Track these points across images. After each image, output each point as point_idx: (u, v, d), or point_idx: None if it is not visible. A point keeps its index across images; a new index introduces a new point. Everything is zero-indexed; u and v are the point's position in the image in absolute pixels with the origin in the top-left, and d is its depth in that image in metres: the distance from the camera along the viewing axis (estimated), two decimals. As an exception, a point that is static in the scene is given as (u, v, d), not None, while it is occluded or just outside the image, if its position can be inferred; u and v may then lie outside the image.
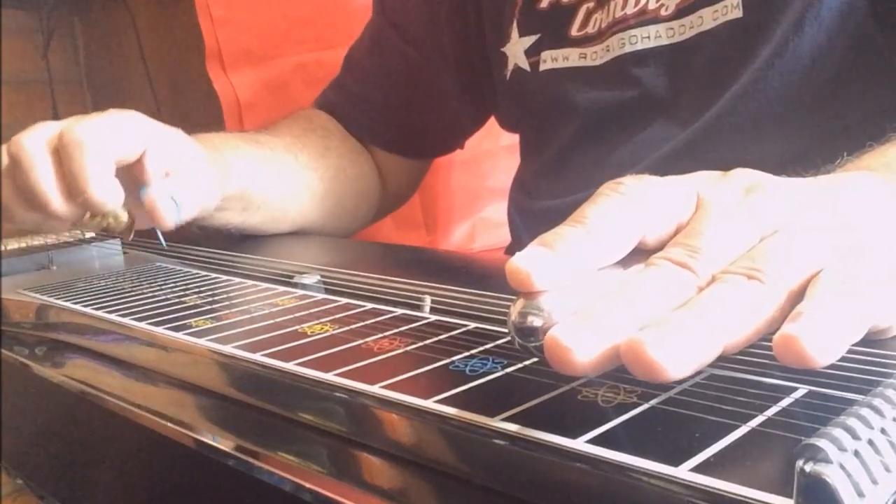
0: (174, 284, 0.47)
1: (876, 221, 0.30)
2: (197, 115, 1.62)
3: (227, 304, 0.41)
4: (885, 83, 0.53)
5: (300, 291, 0.43)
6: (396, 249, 0.72)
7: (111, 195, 0.51)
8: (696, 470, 0.20)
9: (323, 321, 0.36)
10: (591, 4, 0.65)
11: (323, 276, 0.46)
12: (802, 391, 0.25)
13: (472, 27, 0.76)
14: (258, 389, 0.30)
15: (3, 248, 0.65)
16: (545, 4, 0.68)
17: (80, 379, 0.36)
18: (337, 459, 0.26)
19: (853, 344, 0.24)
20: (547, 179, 0.73)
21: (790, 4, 0.54)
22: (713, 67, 0.58)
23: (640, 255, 0.27)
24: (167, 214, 0.53)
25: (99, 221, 0.52)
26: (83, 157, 0.50)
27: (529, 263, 0.25)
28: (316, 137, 0.78)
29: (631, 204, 0.28)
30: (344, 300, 0.40)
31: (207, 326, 0.37)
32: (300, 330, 0.35)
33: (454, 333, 0.33)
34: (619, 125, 0.64)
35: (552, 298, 0.25)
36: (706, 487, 0.19)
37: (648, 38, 0.61)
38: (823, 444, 0.18)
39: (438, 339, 0.32)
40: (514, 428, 0.23)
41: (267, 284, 0.45)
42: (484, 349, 0.31)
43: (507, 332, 0.31)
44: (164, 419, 0.30)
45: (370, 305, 0.39)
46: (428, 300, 0.38)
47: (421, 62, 0.80)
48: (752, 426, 0.22)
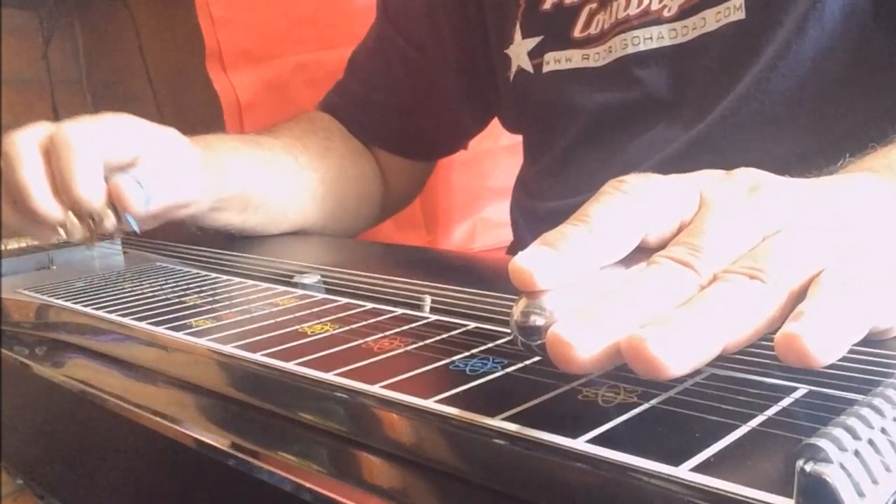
0: (174, 284, 0.47)
1: (877, 222, 0.30)
2: (197, 115, 1.62)
3: (227, 303, 0.41)
4: (887, 84, 0.53)
5: (300, 291, 0.42)
6: (396, 249, 0.72)
7: (97, 195, 0.52)
8: (696, 470, 0.20)
9: (323, 321, 0.36)
10: (593, 5, 0.65)
11: (323, 275, 0.46)
12: (803, 391, 0.25)
13: (475, 29, 0.76)
14: (258, 389, 0.30)
15: (3, 247, 0.65)
16: (548, 6, 0.68)
17: (80, 379, 0.36)
18: (337, 459, 0.26)
19: (854, 344, 0.24)
20: (550, 180, 0.72)
21: (793, 6, 0.53)
22: (716, 69, 0.58)
23: (642, 253, 0.27)
24: (134, 199, 0.53)
25: (83, 223, 0.53)
26: (71, 156, 0.51)
27: (532, 262, 0.25)
28: (317, 139, 0.78)
29: (634, 202, 0.28)
30: (344, 300, 0.40)
31: (207, 326, 0.36)
32: (300, 330, 0.35)
33: (454, 333, 0.33)
34: (621, 126, 0.64)
35: (555, 297, 0.24)
36: (706, 487, 0.19)
37: (651, 39, 0.61)
38: (824, 443, 0.18)
39: (439, 338, 0.32)
40: (514, 428, 0.23)
41: (267, 284, 0.45)
42: (484, 349, 0.31)
43: (507, 331, 0.31)
44: (164, 419, 0.30)
45: (370, 305, 0.39)
46: (428, 300, 0.38)
47: (424, 64, 0.80)
48: (752, 426, 0.22)
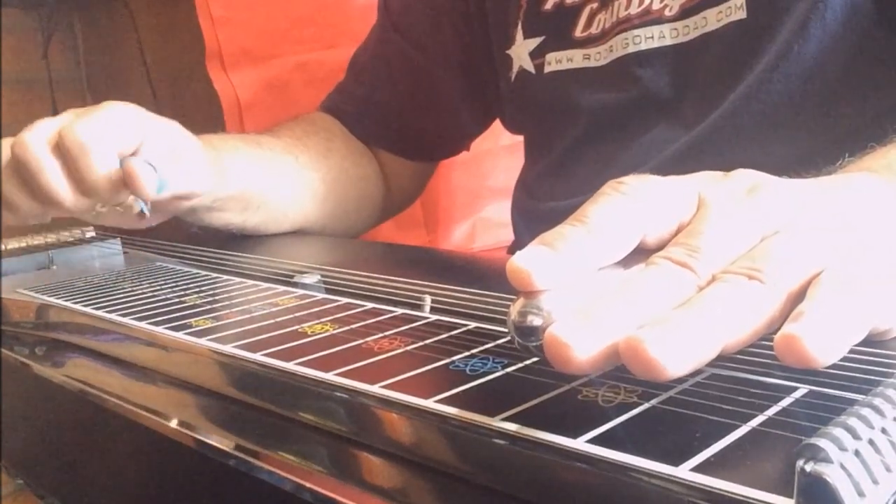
0: (174, 284, 0.47)
1: (877, 222, 0.30)
2: (197, 114, 1.62)
3: (227, 303, 0.41)
4: (888, 84, 0.53)
5: (300, 291, 0.42)
6: (397, 249, 0.72)
7: (121, 192, 0.55)
8: (696, 470, 0.20)
9: (323, 321, 0.36)
10: (594, 5, 0.65)
11: (323, 275, 0.46)
12: (803, 391, 0.25)
13: (476, 30, 0.76)
14: (258, 389, 0.30)
15: (3, 247, 0.65)
16: (549, 6, 0.67)
17: (80, 379, 0.36)
18: (337, 459, 0.26)
19: (854, 344, 0.24)
20: (550, 181, 0.72)
21: (795, 6, 0.53)
22: (717, 69, 0.58)
23: (641, 254, 0.27)
24: (146, 181, 0.54)
25: (111, 210, 0.58)
26: (91, 161, 0.53)
27: (530, 262, 0.25)
28: (318, 139, 0.78)
29: (632, 203, 0.28)
30: (344, 300, 0.40)
31: (207, 326, 0.36)
32: (300, 330, 0.35)
33: (454, 333, 0.33)
34: (623, 127, 0.64)
35: (552, 298, 0.24)
36: (706, 487, 0.19)
37: (652, 38, 0.61)
38: (824, 443, 0.18)
39: (439, 338, 0.32)
40: (514, 428, 0.23)
41: (267, 284, 0.45)
42: (484, 349, 0.31)
43: (507, 331, 0.31)
44: (164, 419, 0.30)
45: (370, 305, 0.38)
46: (428, 300, 0.38)
47: (425, 66, 0.80)
48: (752, 426, 0.22)
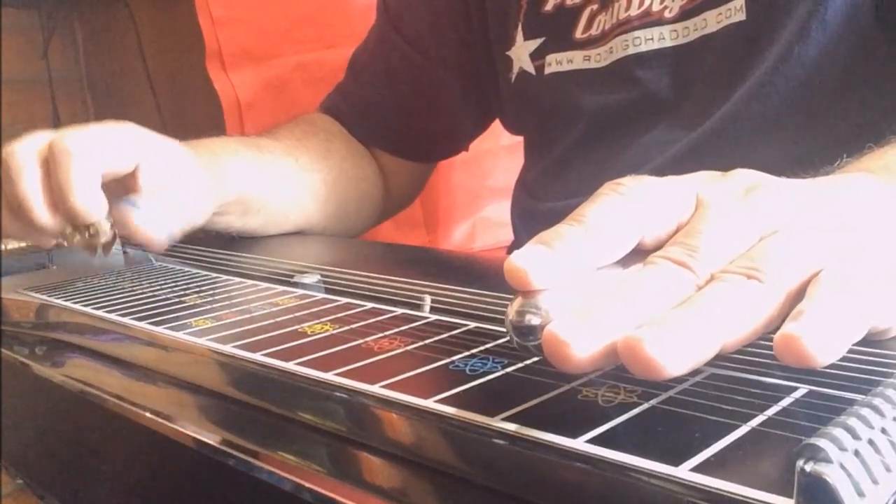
0: (174, 284, 0.47)
1: (875, 222, 0.30)
2: (197, 114, 1.62)
3: (227, 303, 0.41)
4: (889, 86, 0.53)
5: (300, 291, 0.42)
6: (396, 249, 0.72)
7: (95, 207, 0.50)
8: (696, 470, 0.20)
9: (323, 321, 0.36)
10: (594, 6, 0.65)
11: (323, 275, 0.46)
12: (803, 391, 0.25)
13: (476, 31, 0.76)
14: (258, 389, 0.30)
15: (3, 247, 0.65)
16: (549, 7, 0.67)
17: (80, 379, 0.36)
18: (337, 459, 0.26)
19: (853, 344, 0.24)
20: (551, 181, 0.72)
21: (794, 9, 0.53)
22: (717, 70, 0.58)
23: (639, 255, 0.27)
24: (158, 240, 0.52)
25: (81, 235, 0.51)
26: (70, 166, 0.49)
27: (527, 262, 0.25)
28: (318, 140, 0.78)
29: (630, 203, 0.28)
30: (344, 300, 0.40)
31: (207, 326, 0.36)
32: (300, 329, 0.35)
33: (454, 333, 0.33)
34: (623, 128, 0.64)
35: (550, 297, 0.24)
36: (706, 487, 0.19)
37: (652, 39, 0.61)
38: (824, 443, 0.18)
39: (439, 338, 0.32)
40: (514, 427, 0.23)
41: (267, 284, 0.45)
42: (484, 349, 0.31)
43: (506, 330, 0.31)
44: (164, 419, 0.30)
45: (370, 305, 0.38)
46: (428, 300, 0.38)
47: (425, 66, 0.80)
48: (752, 426, 0.22)
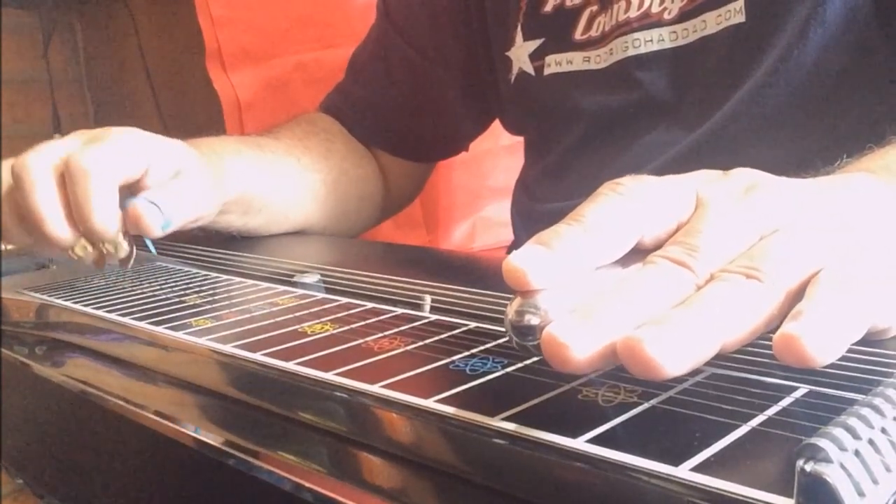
0: (174, 284, 0.47)
1: (874, 222, 0.30)
2: (197, 114, 1.63)
3: (227, 303, 0.41)
4: (889, 87, 0.53)
5: (300, 291, 0.42)
6: (397, 249, 0.72)
7: (113, 224, 0.50)
8: (696, 469, 0.20)
9: (323, 320, 0.36)
10: (594, 8, 0.65)
11: (323, 275, 0.46)
12: (803, 391, 0.25)
13: (476, 31, 0.76)
14: (258, 389, 0.30)
15: (3, 247, 0.65)
16: (549, 8, 0.68)
17: (80, 378, 0.36)
18: (337, 459, 0.26)
19: (853, 344, 0.24)
20: (550, 182, 0.73)
21: (794, 10, 0.53)
22: (717, 72, 0.58)
23: (639, 254, 0.27)
24: (151, 221, 0.51)
25: (97, 250, 0.51)
26: (88, 185, 0.49)
27: (526, 262, 0.25)
28: (318, 140, 0.78)
29: (629, 203, 0.28)
30: (344, 299, 0.40)
31: (207, 326, 0.36)
32: (300, 329, 0.35)
33: (454, 333, 0.33)
34: (622, 129, 0.64)
35: (549, 297, 0.24)
36: (706, 487, 0.19)
37: (651, 41, 0.61)
38: (824, 443, 0.18)
39: (439, 338, 0.32)
40: (513, 427, 0.23)
41: (267, 284, 0.45)
42: (484, 348, 0.31)
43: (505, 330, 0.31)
44: (164, 419, 0.30)
45: (370, 305, 0.38)
46: (428, 299, 0.38)
47: (425, 66, 0.80)
48: (752, 426, 0.22)
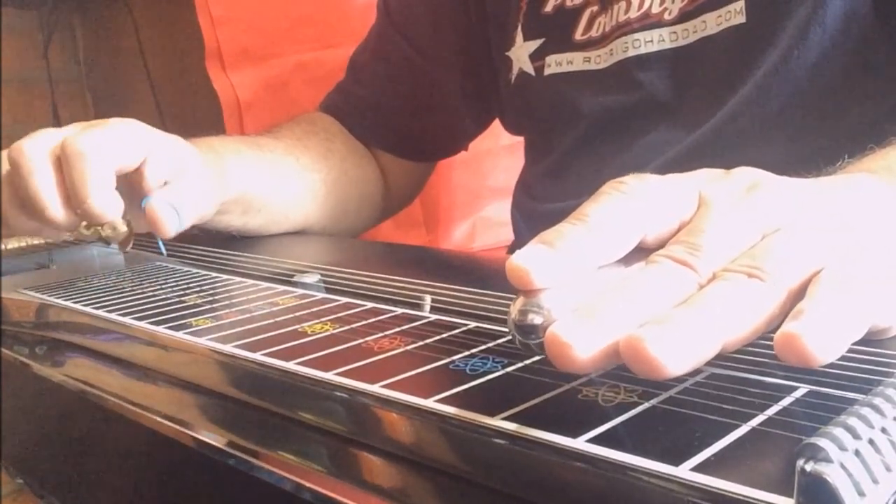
0: (174, 284, 0.47)
1: (876, 222, 0.30)
2: (197, 114, 1.63)
3: (227, 303, 0.41)
4: (888, 88, 0.53)
5: (300, 290, 0.42)
6: (396, 248, 0.72)
7: (111, 206, 0.51)
8: (696, 469, 0.20)
9: (323, 320, 0.36)
10: (595, 8, 0.65)
11: (323, 275, 0.46)
12: (803, 390, 0.25)
13: (476, 31, 0.76)
14: (258, 389, 0.30)
15: (3, 247, 0.65)
16: (549, 9, 0.68)
17: (80, 378, 0.36)
18: (337, 459, 0.26)
19: (854, 343, 0.24)
20: (551, 182, 0.73)
21: (795, 12, 0.53)
22: (717, 72, 0.58)
23: (641, 253, 0.27)
24: (168, 223, 0.53)
25: (96, 231, 0.52)
26: (85, 167, 0.50)
27: (529, 261, 0.25)
28: (318, 140, 0.78)
29: (632, 202, 0.28)
30: (344, 299, 0.40)
31: (207, 326, 0.36)
32: (300, 329, 0.35)
33: (454, 332, 0.33)
34: (623, 129, 0.64)
35: (552, 296, 0.24)
36: (707, 487, 0.19)
37: (652, 41, 0.61)
38: (824, 443, 0.18)
39: (439, 338, 0.32)
40: (514, 427, 0.23)
41: (267, 284, 0.45)
42: (484, 348, 0.31)
43: (507, 330, 0.31)
44: (164, 419, 0.30)
45: (370, 304, 0.38)
46: (428, 299, 0.38)
47: (425, 66, 0.80)
48: (752, 425, 0.22)
